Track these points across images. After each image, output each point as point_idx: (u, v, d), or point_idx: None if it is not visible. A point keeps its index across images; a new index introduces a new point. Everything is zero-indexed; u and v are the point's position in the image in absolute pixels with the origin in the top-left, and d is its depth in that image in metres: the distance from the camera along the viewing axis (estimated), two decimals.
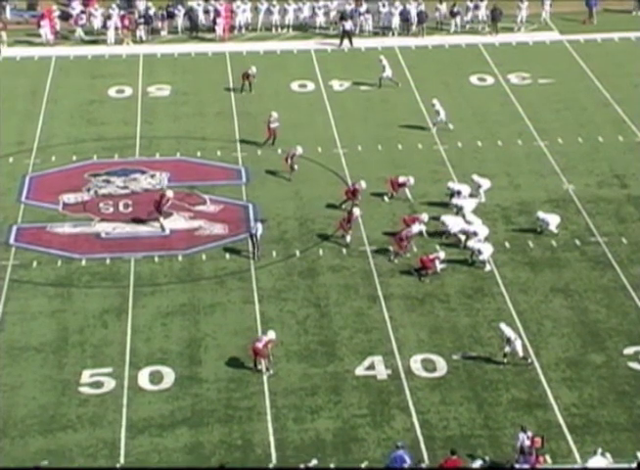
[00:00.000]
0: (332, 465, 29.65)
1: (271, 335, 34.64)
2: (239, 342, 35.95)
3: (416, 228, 40.27)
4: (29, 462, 30.60)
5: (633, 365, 34.98)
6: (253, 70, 52.90)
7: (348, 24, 58.65)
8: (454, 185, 43.10)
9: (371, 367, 34.87)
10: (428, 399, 33.50)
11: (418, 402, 33.37)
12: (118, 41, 58.93)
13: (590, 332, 36.55)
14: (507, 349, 34.55)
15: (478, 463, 30.03)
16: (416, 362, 35.05)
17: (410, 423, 32.59)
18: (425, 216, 40.89)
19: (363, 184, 43.03)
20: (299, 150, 45.05)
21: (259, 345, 34.32)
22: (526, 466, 29.47)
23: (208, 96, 53.15)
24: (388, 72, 53.41)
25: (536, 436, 30.67)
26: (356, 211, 41.01)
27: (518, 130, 49.57)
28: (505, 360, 34.48)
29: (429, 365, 34.97)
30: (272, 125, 47.73)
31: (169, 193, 42.37)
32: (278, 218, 42.25)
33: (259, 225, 40.44)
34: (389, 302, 37.99)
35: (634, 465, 29.63)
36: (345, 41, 58.30)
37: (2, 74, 55.35)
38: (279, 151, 47.55)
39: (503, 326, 34.83)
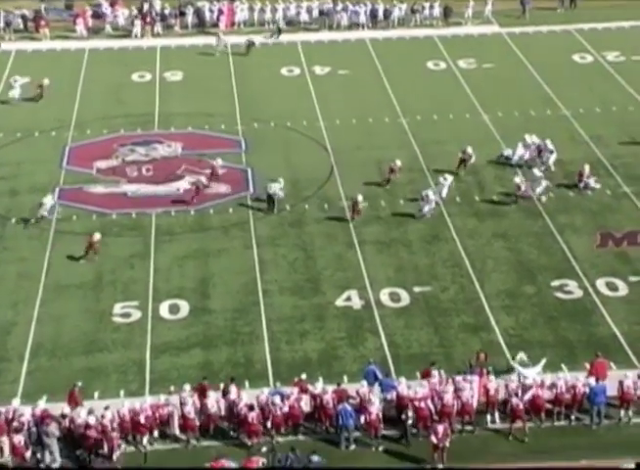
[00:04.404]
0: (319, 377, 29.75)
1: (96, 236, 36.82)
2: (241, 279, 35.98)
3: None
4: (74, 378, 30.65)
5: (558, 295, 35.16)
6: (46, 81, 50.13)
7: (281, 23, 58.68)
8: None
9: (348, 299, 34.94)
10: (394, 325, 33.63)
11: (386, 327, 33.50)
12: (140, 35, 58.36)
13: (524, 269, 36.67)
14: None
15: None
16: (384, 295, 35.13)
17: (380, 343, 32.74)
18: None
19: (398, 163, 42.01)
20: (398, 163, 42.00)
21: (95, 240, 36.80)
22: (475, 377, 29.55)
23: (214, 80, 52.71)
24: (16, 92, 49.57)
25: (481, 352, 30.88)
26: None
27: (466, 106, 49.34)
28: None
29: (395, 297, 35.05)
30: None
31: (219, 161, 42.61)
32: (270, 180, 42.02)
33: (275, 185, 39.98)
34: (363, 246, 37.98)
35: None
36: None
37: (45, 63, 54.82)
38: (272, 124, 47.35)
39: None
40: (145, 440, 28.27)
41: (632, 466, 27.13)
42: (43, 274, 36.19)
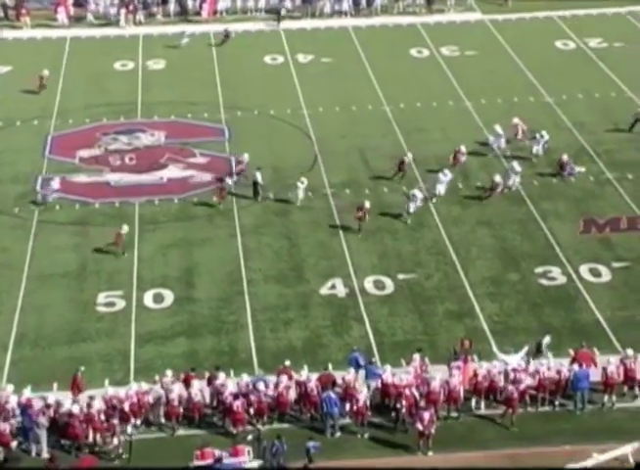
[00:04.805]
0: (304, 365, 29.78)
1: (124, 228, 36.43)
2: (225, 268, 35.96)
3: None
4: (58, 367, 30.61)
5: (542, 282, 35.31)
6: (46, 72, 49.71)
7: (283, 11, 58.24)
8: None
9: (332, 287, 35.00)
10: (378, 312, 33.71)
11: (370, 315, 33.57)
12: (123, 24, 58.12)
13: (508, 256, 36.79)
14: None
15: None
16: (369, 283, 35.19)
17: (365, 331, 32.81)
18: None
19: (410, 156, 41.90)
20: (410, 156, 41.75)
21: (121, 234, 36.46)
22: (460, 363, 29.64)
23: (196, 68, 52.54)
24: None
25: (466, 339, 30.97)
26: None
27: (449, 93, 49.35)
28: None
29: (379, 285, 35.12)
30: None
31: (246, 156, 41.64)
32: (256, 168, 41.97)
33: (258, 173, 40.00)
34: (347, 234, 38.02)
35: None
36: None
37: (27, 52, 54.51)
38: (255, 112, 47.27)
39: None
40: (129, 428, 28.25)
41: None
42: (26, 264, 36.08)
